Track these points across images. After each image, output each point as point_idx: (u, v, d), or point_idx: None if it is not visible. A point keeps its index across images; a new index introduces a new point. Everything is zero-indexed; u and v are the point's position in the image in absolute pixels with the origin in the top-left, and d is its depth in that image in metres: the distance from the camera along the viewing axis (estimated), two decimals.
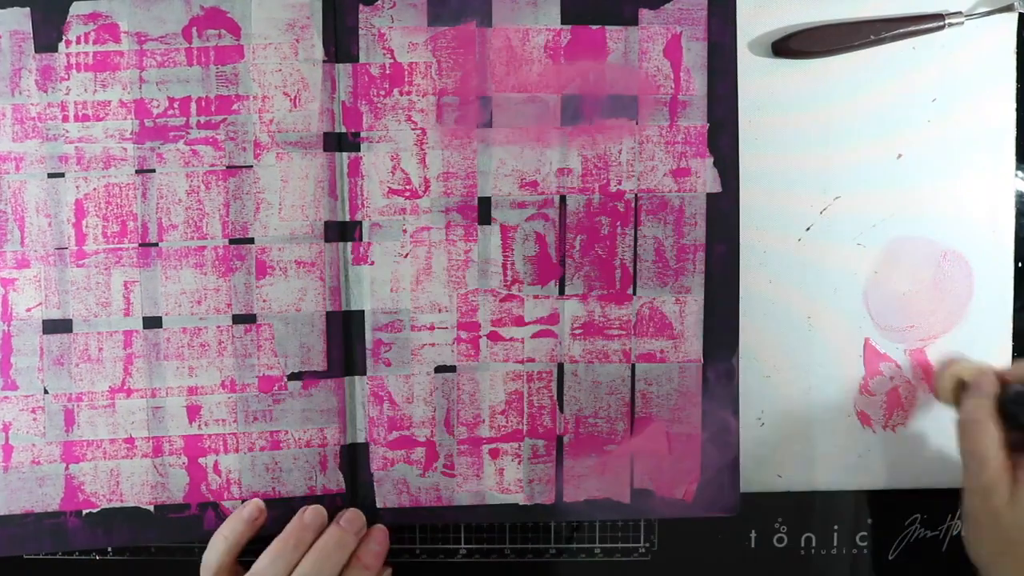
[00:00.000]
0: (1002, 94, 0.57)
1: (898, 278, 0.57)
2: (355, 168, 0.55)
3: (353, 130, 0.55)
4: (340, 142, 0.55)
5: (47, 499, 0.56)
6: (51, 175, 0.55)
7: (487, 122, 0.55)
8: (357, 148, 0.55)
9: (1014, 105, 0.57)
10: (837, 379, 0.58)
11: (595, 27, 0.55)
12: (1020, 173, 0.57)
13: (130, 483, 0.56)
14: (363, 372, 0.56)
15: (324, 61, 0.54)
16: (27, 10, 0.54)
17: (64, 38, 0.54)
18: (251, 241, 0.55)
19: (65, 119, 0.54)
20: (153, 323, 0.55)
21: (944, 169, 0.57)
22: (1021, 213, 0.57)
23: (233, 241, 0.55)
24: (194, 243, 0.55)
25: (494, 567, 0.59)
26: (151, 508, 0.56)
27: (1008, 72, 0.57)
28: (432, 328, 0.56)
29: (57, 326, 0.55)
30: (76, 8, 0.54)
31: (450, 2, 0.54)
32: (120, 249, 0.55)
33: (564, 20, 0.55)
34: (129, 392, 0.55)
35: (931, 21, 0.55)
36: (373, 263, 0.55)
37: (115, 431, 0.55)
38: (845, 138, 0.57)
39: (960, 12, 0.55)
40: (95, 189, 0.55)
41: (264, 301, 0.55)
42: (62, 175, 0.55)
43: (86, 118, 0.54)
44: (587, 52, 0.55)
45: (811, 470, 0.58)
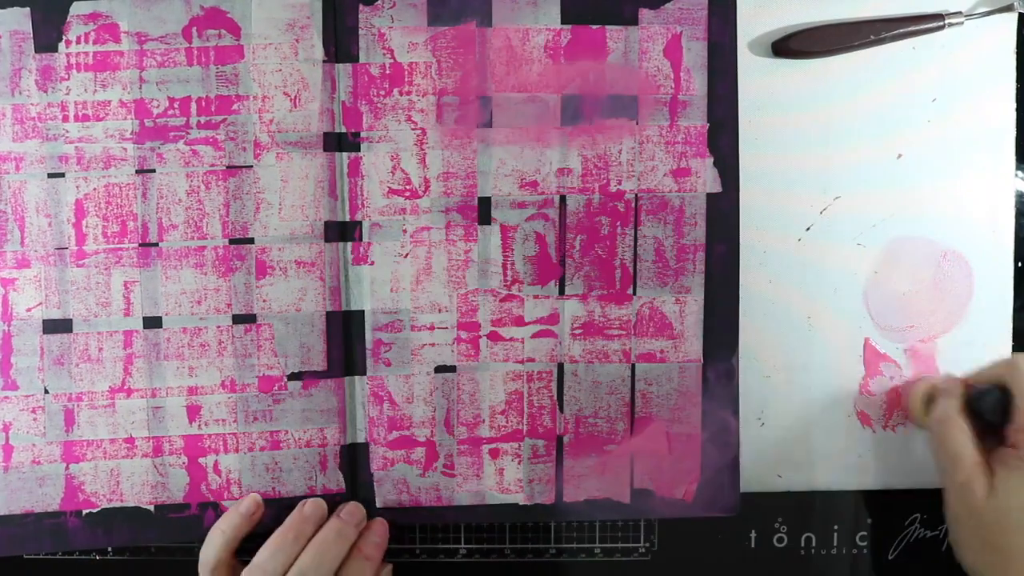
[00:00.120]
0: (1002, 94, 0.57)
1: (898, 278, 0.57)
2: (355, 168, 0.55)
3: (353, 130, 0.55)
4: (340, 142, 0.55)
5: (47, 499, 0.56)
6: (51, 175, 0.55)
7: (487, 122, 0.55)
8: (357, 148, 0.55)
9: (1014, 105, 0.57)
10: (837, 379, 0.58)
11: (595, 27, 0.55)
12: (1020, 173, 0.57)
13: (130, 483, 0.56)
14: (363, 372, 0.56)
15: (324, 61, 0.54)
16: (27, 10, 0.54)
17: (64, 38, 0.54)
18: (251, 241, 0.55)
19: (65, 119, 0.54)
20: (153, 323, 0.55)
21: (944, 169, 0.57)
22: (1021, 213, 0.57)
23: (233, 241, 0.55)
24: (194, 243, 0.55)
25: (494, 567, 0.59)
26: (151, 508, 0.56)
27: (1008, 72, 0.57)
28: (432, 328, 0.56)
29: (57, 326, 0.55)
30: (76, 8, 0.54)
31: (450, 2, 0.54)
32: (120, 249, 0.55)
33: (564, 20, 0.55)
34: (129, 392, 0.55)
35: (931, 21, 0.55)
36: (373, 263, 0.55)
37: (115, 431, 0.55)
38: (845, 138, 0.57)
39: (960, 12, 0.55)
40: (95, 189, 0.55)
41: (264, 301, 0.55)
42: (62, 175, 0.55)
43: (86, 118, 0.54)
44: (587, 52, 0.55)
45: (811, 470, 0.58)
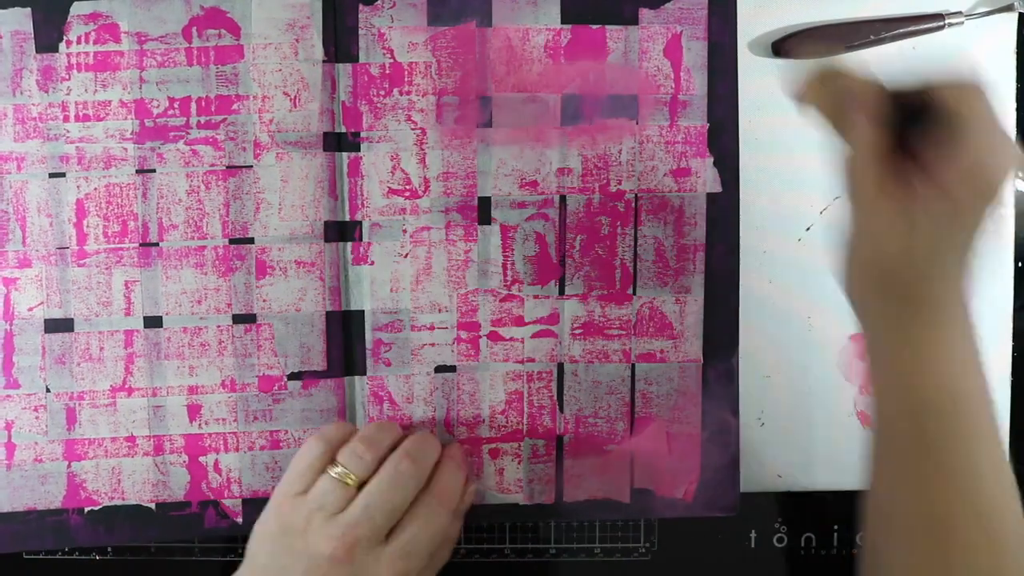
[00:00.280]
0: (1002, 94, 0.57)
1: None
2: (355, 168, 0.55)
3: (353, 130, 0.55)
4: (340, 142, 0.55)
5: (50, 497, 0.56)
6: (52, 175, 0.55)
7: (487, 122, 0.55)
8: (357, 148, 0.55)
9: (1014, 105, 0.57)
10: (837, 379, 0.58)
11: (595, 27, 0.55)
12: (1020, 173, 0.57)
13: (131, 481, 0.56)
14: (363, 372, 0.56)
15: (324, 61, 0.54)
16: (28, 10, 0.54)
17: (65, 38, 0.54)
18: (251, 241, 0.55)
19: (66, 119, 0.54)
20: (154, 322, 0.55)
21: None
22: (1021, 213, 0.57)
23: (233, 241, 0.55)
24: (194, 243, 0.55)
25: (494, 567, 0.59)
26: (152, 506, 0.56)
27: (1008, 72, 0.57)
28: (432, 328, 0.56)
29: (59, 325, 0.55)
30: (76, 8, 0.54)
31: (450, 2, 0.54)
32: (121, 249, 0.55)
33: (564, 20, 0.55)
34: (130, 391, 0.56)
35: (931, 21, 0.55)
36: (373, 263, 0.56)
37: (116, 429, 0.56)
38: None
39: (960, 12, 0.55)
40: (96, 189, 0.55)
41: (264, 301, 0.55)
42: (63, 175, 0.55)
43: (87, 118, 0.54)
44: (587, 52, 0.55)
45: (811, 470, 0.58)
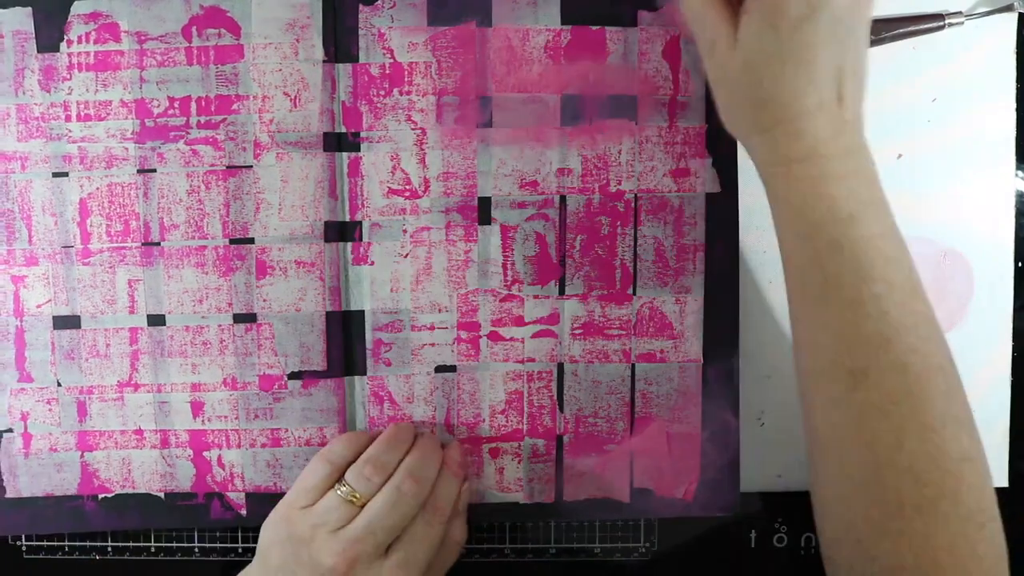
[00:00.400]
0: (1002, 94, 0.57)
1: None
2: (355, 168, 0.55)
3: (353, 130, 0.55)
4: (340, 142, 0.55)
5: (65, 484, 0.57)
6: (55, 174, 0.55)
7: (487, 122, 0.55)
8: (357, 148, 0.55)
9: (1014, 105, 0.57)
10: None
11: (595, 27, 0.55)
12: (1020, 173, 0.57)
13: (140, 471, 0.57)
14: (363, 372, 0.56)
15: (324, 61, 0.54)
16: (29, 10, 0.54)
17: (66, 37, 0.54)
18: (251, 241, 0.55)
19: (68, 119, 0.55)
20: (157, 321, 0.56)
21: (944, 169, 0.57)
22: (1021, 213, 0.57)
23: (233, 241, 0.55)
24: (195, 243, 0.55)
25: (494, 567, 0.59)
26: (161, 495, 0.57)
27: (1008, 72, 0.56)
28: (432, 328, 0.56)
29: (66, 322, 0.56)
30: (77, 7, 0.54)
31: (450, 2, 0.54)
32: (124, 248, 0.55)
33: (564, 20, 0.55)
34: (136, 387, 0.56)
35: (931, 21, 0.55)
36: (373, 263, 0.56)
37: (125, 423, 0.56)
38: None
39: (960, 12, 0.55)
40: (98, 188, 0.55)
41: (264, 301, 0.56)
42: (66, 174, 0.55)
43: (88, 118, 0.55)
44: (587, 52, 0.55)
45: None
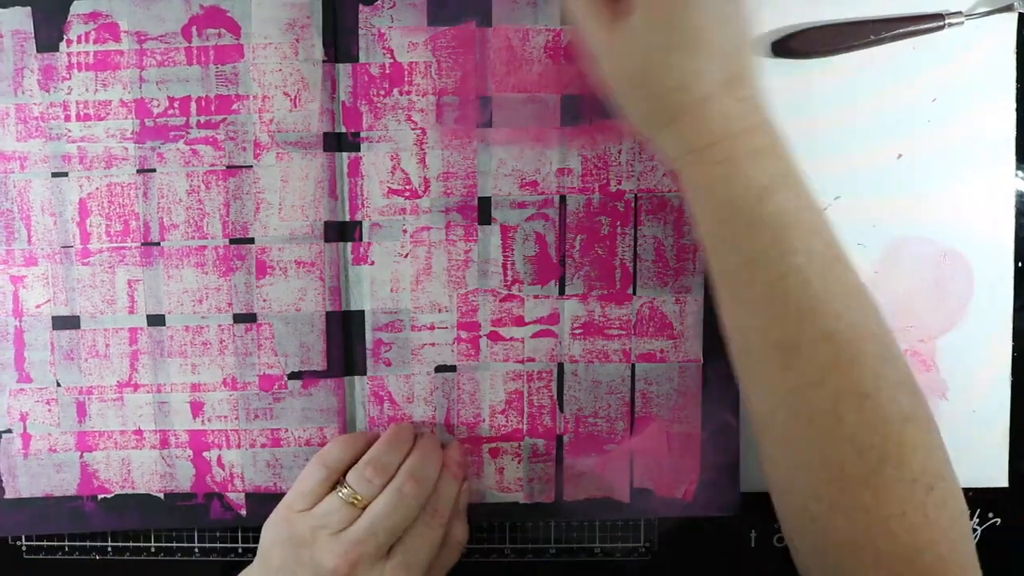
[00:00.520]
0: (1002, 94, 0.56)
1: (898, 278, 0.57)
2: (355, 168, 0.55)
3: (353, 130, 0.55)
4: (340, 142, 0.55)
5: (65, 484, 0.57)
6: (55, 174, 0.55)
7: (487, 122, 0.55)
8: (357, 148, 0.55)
9: (1014, 105, 0.56)
10: None
11: None
12: (1020, 173, 0.57)
13: (140, 472, 0.57)
14: (363, 372, 0.56)
15: (324, 61, 0.54)
16: (28, 9, 0.54)
17: (65, 37, 0.54)
18: (251, 241, 0.55)
19: (67, 119, 0.55)
20: (157, 321, 0.56)
21: (944, 169, 0.57)
22: (1021, 213, 0.57)
23: (233, 241, 0.55)
24: (195, 243, 0.55)
25: (494, 567, 0.59)
26: (161, 495, 0.57)
27: (1008, 72, 0.56)
28: (432, 328, 0.56)
29: (66, 322, 0.56)
30: (76, 7, 0.54)
31: (450, 2, 0.54)
32: (123, 248, 0.55)
33: (564, 20, 0.55)
34: (136, 387, 0.56)
35: (931, 21, 0.55)
36: (373, 263, 0.56)
37: (124, 423, 0.56)
38: (845, 138, 0.56)
39: (960, 12, 0.55)
40: (98, 188, 0.55)
41: (264, 301, 0.55)
42: (65, 174, 0.55)
43: (88, 118, 0.55)
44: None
45: None
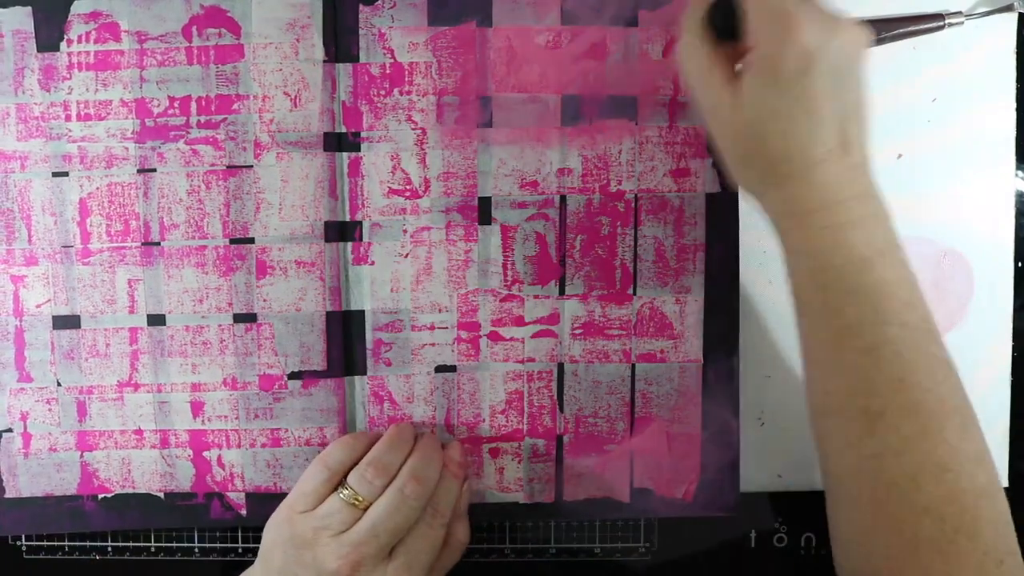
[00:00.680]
0: (1002, 94, 0.57)
1: None
2: (355, 168, 0.55)
3: (353, 130, 0.55)
4: (340, 142, 0.55)
5: (65, 484, 0.57)
6: (55, 174, 0.55)
7: (487, 122, 0.55)
8: (357, 148, 0.55)
9: (1014, 105, 0.57)
10: None
11: (595, 27, 0.55)
12: (1020, 173, 0.57)
13: (140, 471, 0.57)
14: (363, 372, 0.56)
15: (324, 61, 0.54)
16: (29, 9, 0.54)
17: (65, 37, 0.54)
18: (251, 241, 0.55)
19: (68, 118, 0.55)
20: (157, 320, 0.56)
21: (944, 169, 0.57)
22: (1021, 213, 0.57)
23: (234, 241, 0.55)
24: (195, 242, 0.55)
25: (494, 567, 0.59)
26: (161, 495, 0.57)
27: (1008, 72, 0.56)
28: (432, 328, 0.56)
29: (66, 322, 0.56)
30: (77, 7, 0.54)
31: (450, 2, 0.54)
32: (123, 248, 0.55)
33: (564, 20, 0.55)
34: (136, 387, 0.56)
35: (931, 21, 0.55)
36: (373, 263, 0.56)
37: (124, 423, 0.56)
38: None
39: (960, 12, 0.55)
40: (98, 188, 0.55)
41: (264, 301, 0.55)
42: (66, 174, 0.55)
43: (88, 117, 0.55)
44: (587, 52, 0.55)
45: (811, 470, 0.58)
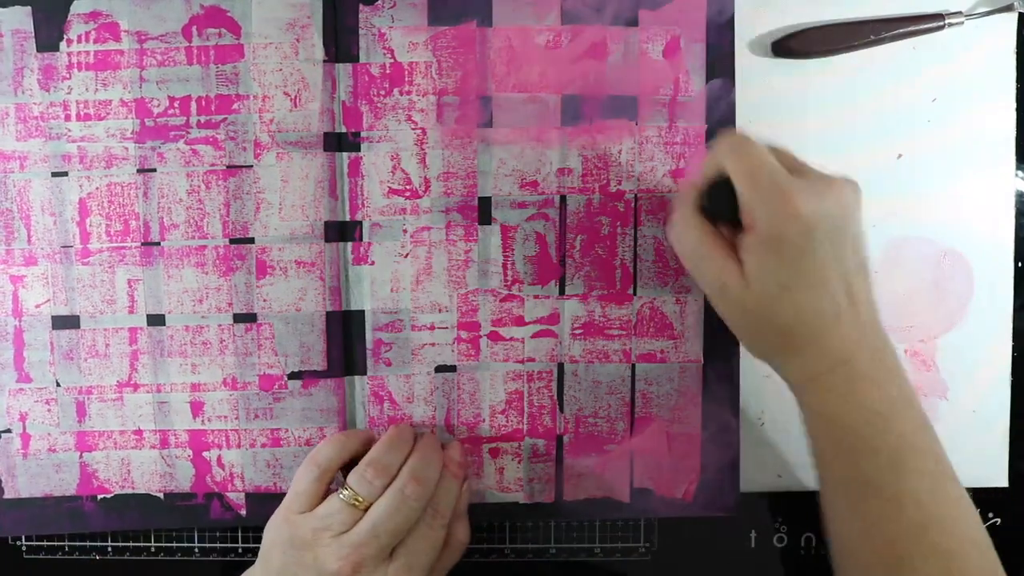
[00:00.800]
0: (1002, 94, 0.57)
1: (898, 278, 0.57)
2: (355, 168, 0.55)
3: (353, 130, 0.55)
4: (340, 142, 0.55)
5: (64, 484, 0.57)
6: (55, 174, 0.55)
7: (487, 122, 0.55)
8: (357, 148, 0.55)
9: (1014, 105, 0.57)
10: None
11: (595, 27, 0.55)
12: (1020, 173, 0.57)
13: (140, 472, 0.57)
14: (363, 372, 0.56)
15: (324, 61, 0.54)
16: (28, 9, 0.54)
17: (65, 37, 0.54)
18: (251, 241, 0.55)
19: (67, 118, 0.55)
20: (157, 320, 0.56)
21: (944, 169, 0.57)
22: (1021, 213, 0.57)
23: (233, 241, 0.55)
24: (195, 242, 0.55)
25: (494, 567, 0.59)
26: (160, 495, 0.57)
27: (1008, 72, 0.56)
28: (432, 328, 0.56)
29: (65, 322, 0.56)
30: (76, 7, 0.54)
31: (450, 2, 0.54)
32: (123, 248, 0.55)
33: (564, 20, 0.55)
34: (136, 387, 0.56)
35: (931, 21, 0.55)
36: (373, 263, 0.56)
37: (124, 423, 0.56)
38: (845, 138, 0.57)
39: (960, 12, 0.55)
40: (98, 188, 0.55)
41: (264, 301, 0.55)
42: (65, 174, 0.55)
43: (88, 117, 0.55)
44: (587, 52, 0.55)
45: (811, 470, 0.58)
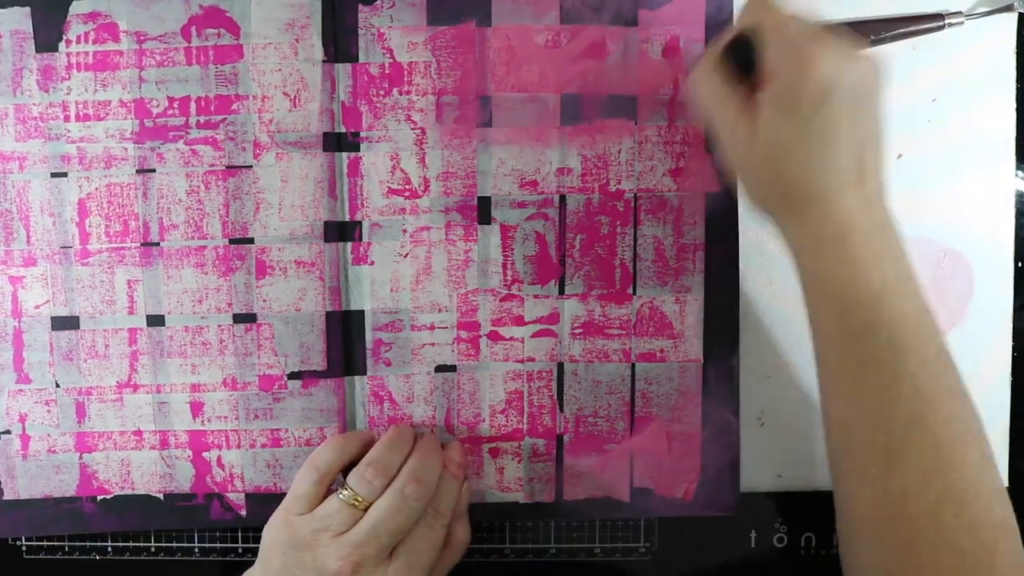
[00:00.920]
0: (1002, 94, 0.56)
1: None
2: (355, 168, 0.55)
3: (353, 130, 0.55)
4: (340, 142, 0.55)
5: (64, 485, 0.57)
6: (54, 175, 0.55)
7: (487, 122, 0.55)
8: (357, 148, 0.55)
9: (1014, 105, 0.56)
10: None
11: (595, 27, 0.55)
12: (1020, 173, 0.57)
13: (140, 472, 0.57)
14: (363, 372, 0.56)
15: (324, 61, 0.54)
16: (27, 9, 0.54)
17: (64, 37, 0.54)
18: (251, 241, 0.55)
19: (67, 119, 0.55)
20: (156, 321, 0.56)
21: (944, 169, 0.57)
22: (1021, 213, 0.57)
23: (233, 241, 0.55)
24: (194, 243, 0.55)
25: (494, 567, 0.59)
26: (160, 496, 0.57)
27: (1008, 72, 0.56)
28: (432, 328, 0.56)
29: (65, 323, 0.56)
30: (76, 7, 0.54)
31: (449, 2, 0.54)
32: (123, 248, 0.55)
33: (563, 20, 0.55)
34: (136, 387, 0.56)
35: (931, 21, 0.55)
36: (373, 263, 0.56)
37: (124, 424, 0.56)
38: None
39: (960, 12, 0.55)
40: (97, 189, 0.55)
41: (264, 301, 0.55)
42: (65, 175, 0.55)
43: (87, 118, 0.55)
44: (586, 52, 0.55)
45: (811, 470, 0.58)
